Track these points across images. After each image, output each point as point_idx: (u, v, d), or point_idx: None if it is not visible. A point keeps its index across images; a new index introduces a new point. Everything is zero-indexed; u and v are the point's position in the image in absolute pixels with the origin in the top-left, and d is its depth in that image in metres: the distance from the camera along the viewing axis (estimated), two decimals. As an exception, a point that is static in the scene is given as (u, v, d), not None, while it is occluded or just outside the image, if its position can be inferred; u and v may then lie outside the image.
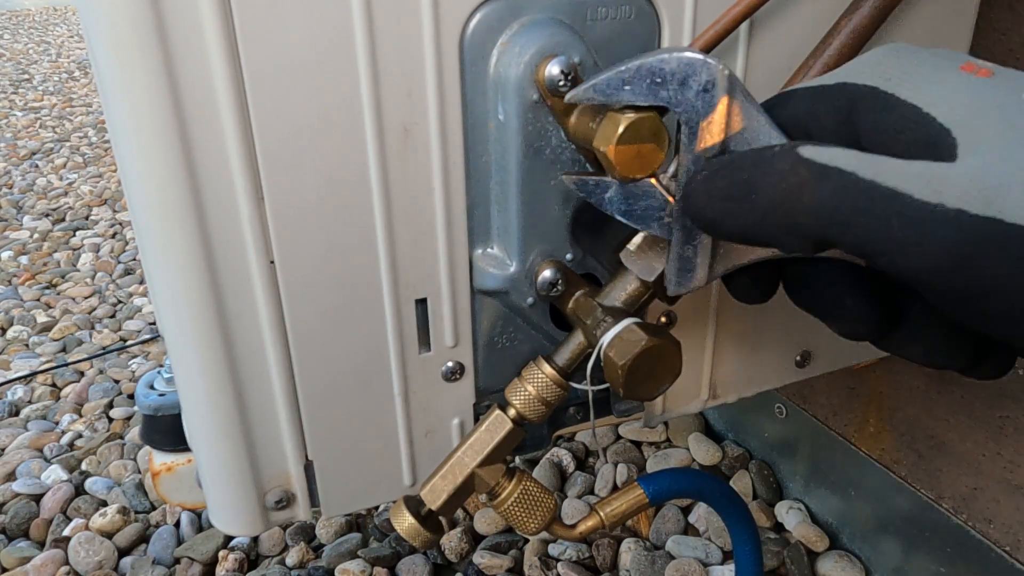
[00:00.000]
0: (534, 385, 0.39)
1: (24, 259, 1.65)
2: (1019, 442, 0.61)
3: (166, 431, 0.51)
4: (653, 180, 0.32)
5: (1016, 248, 0.22)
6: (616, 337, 0.37)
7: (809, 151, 0.26)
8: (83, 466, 1.00)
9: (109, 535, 0.87)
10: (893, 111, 0.27)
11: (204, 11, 0.31)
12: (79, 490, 0.95)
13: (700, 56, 0.30)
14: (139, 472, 0.98)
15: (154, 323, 1.35)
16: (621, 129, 0.31)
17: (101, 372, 1.22)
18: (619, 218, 0.33)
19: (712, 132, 0.30)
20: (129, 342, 1.31)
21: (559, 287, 0.40)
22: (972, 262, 0.23)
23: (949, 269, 0.23)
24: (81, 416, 1.11)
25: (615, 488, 0.90)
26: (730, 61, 0.42)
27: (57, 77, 3.52)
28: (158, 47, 0.31)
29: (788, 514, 0.84)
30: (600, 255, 0.41)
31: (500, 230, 0.40)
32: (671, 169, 0.32)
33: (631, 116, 0.31)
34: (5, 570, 0.83)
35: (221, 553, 0.83)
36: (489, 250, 0.41)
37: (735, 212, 0.28)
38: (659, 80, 0.30)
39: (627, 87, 0.31)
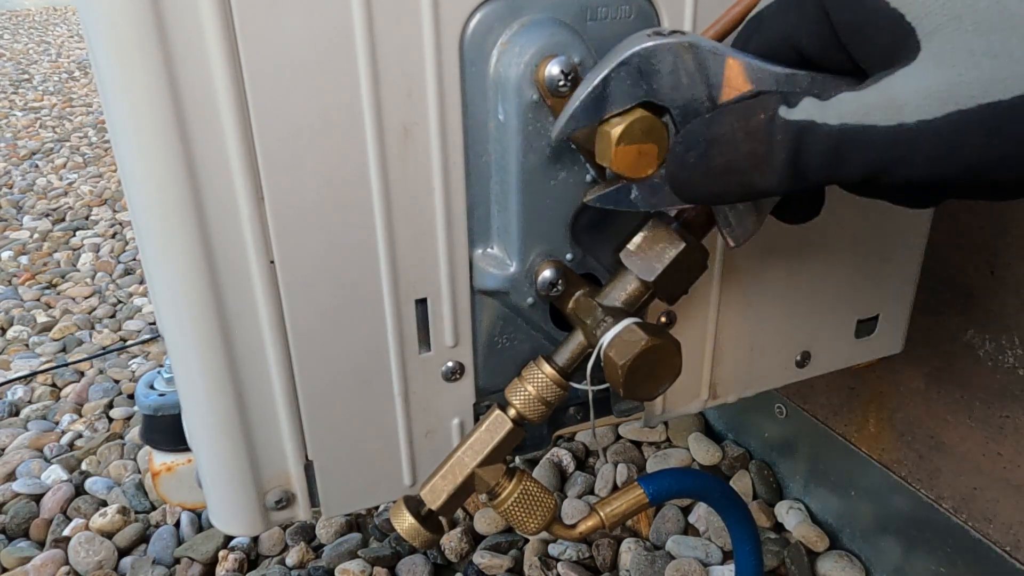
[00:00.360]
0: (534, 385, 0.39)
1: (24, 259, 1.65)
2: (1019, 442, 0.61)
3: (166, 431, 0.51)
4: None
5: (993, 121, 0.22)
6: (616, 337, 0.37)
7: (785, 111, 0.27)
8: (83, 466, 1.00)
9: (109, 535, 0.87)
10: (863, 7, 0.26)
11: (204, 11, 0.31)
12: (79, 490, 0.95)
13: (653, 42, 0.30)
14: (139, 472, 0.98)
15: (154, 323, 1.35)
16: (616, 137, 0.31)
17: (101, 372, 1.22)
18: (657, 210, 0.33)
19: (699, 105, 0.31)
20: (129, 342, 1.31)
21: (559, 287, 0.40)
22: (957, 157, 0.23)
23: (942, 169, 0.24)
24: (81, 416, 1.11)
25: (615, 488, 0.90)
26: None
27: (57, 77, 3.52)
28: (158, 47, 0.31)
29: (788, 514, 0.84)
30: (600, 255, 0.41)
31: (500, 230, 0.40)
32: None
33: (621, 124, 0.31)
34: (5, 570, 0.83)
35: (221, 553, 0.83)
36: (489, 250, 0.41)
37: (722, 182, 0.29)
38: (629, 82, 0.30)
39: (605, 101, 0.31)
